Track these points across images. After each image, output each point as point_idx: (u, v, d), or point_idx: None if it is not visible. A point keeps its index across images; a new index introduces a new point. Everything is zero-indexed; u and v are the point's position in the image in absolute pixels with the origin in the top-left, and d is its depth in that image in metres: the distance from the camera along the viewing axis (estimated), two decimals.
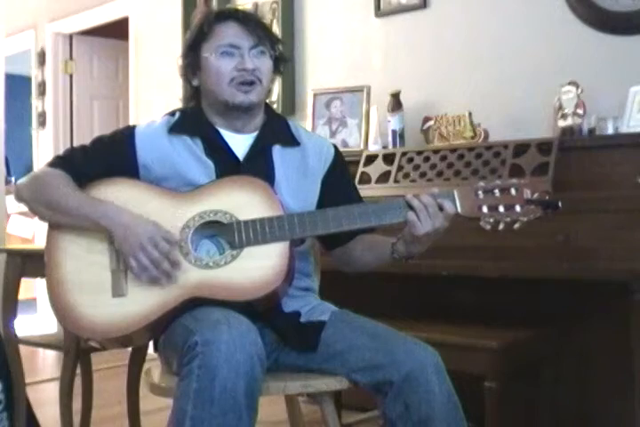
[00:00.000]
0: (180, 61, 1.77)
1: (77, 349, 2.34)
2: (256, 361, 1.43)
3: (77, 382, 2.47)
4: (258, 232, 1.55)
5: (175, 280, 1.55)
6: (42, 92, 5.29)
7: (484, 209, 1.54)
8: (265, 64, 1.71)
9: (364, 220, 1.56)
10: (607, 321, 2.32)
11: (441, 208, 1.53)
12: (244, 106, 1.70)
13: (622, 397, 2.26)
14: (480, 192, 1.55)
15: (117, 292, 1.58)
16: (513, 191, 1.54)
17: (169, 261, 1.54)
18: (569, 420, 2.42)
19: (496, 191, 1.54)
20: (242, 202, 1.60)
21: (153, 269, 1.54)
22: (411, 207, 1.53)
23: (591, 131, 2.48)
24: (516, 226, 1.54)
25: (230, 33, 1.69)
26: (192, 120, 1.75)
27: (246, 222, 1.57)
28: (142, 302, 1.56)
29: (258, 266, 1.54)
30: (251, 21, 1.71)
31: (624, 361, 2.15)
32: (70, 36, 5.30)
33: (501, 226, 1.54)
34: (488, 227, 1.55)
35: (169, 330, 1.57)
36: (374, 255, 1.71)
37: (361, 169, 2.76)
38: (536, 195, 1.53)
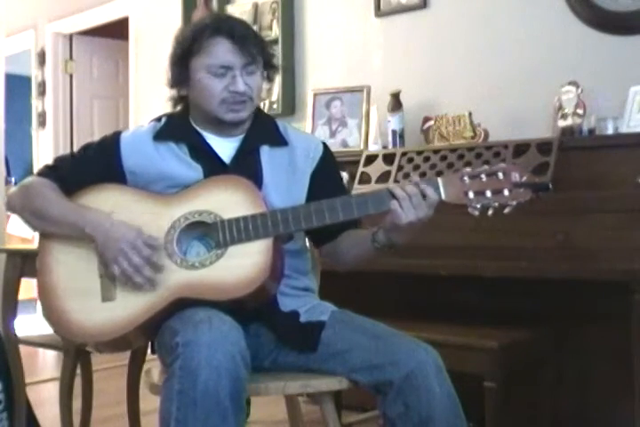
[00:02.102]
0: (167, 71, 1.74)
1: (77, 349, 2.33)
2: (239, 361, 1.42)
3: (77, 382, 2.47)
4: (241, 230, 1.55)
5: (160, 284, 1.55)
6: (42, 92, 5.29)
7: (471, 195, 1.50)
8: (256, 82, 1.69)
9: (346, 212, 1.54)
10: (607, 321, 2.32)
11: (424, 196, 1.50)
12: (235, 122, 1.70)
13: (622, 397, 2.26)
14: (465, 178, 1.51)
15: (107, 296, 1.59)
16: (500, 175, 1.49)
17: (150, 265, 1.55)
18: (569, 420, 2.42)
19: (482, 176, 1.50)
20: (226, 201, 1.60)
21: (134, 275, 1.54)
22: (394, 197, 1.51)
23: (591, 131, 2.48)
24: (507, 211, 1.50)
25: (221, 51, 1.64)
26: (177, 126, 1.74)
27: (230, 221, 1.57)
28: (131, 306, 1.56)
29: (242, 264, 1.54)
30: (243, 39, 1.65)
31: (624, 361, 2.15)
32: (70, 36, 5.31)
33: (490, 211, 1.50)
34: (476, 213, 1.50)
35: (160, 332, 1.58)
36: (359, 248, 1.68)
37: (361, 169, 2.76)
38: (525, 178, 1.49)
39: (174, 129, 1.74)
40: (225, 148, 1.72)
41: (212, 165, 1.69)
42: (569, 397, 2.41)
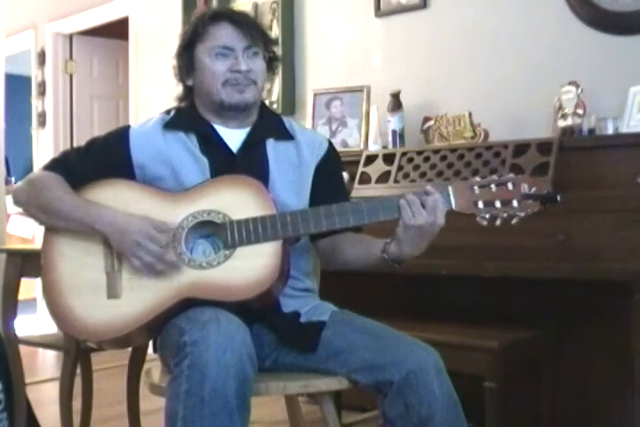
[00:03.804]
0: (173, 61, 1.78)
1: (77, 349, 2.34)
2: (246, 361, 1.42)
3: (77, 382, 2.47)
4: (250, 232, 1.55)
5: (166, 283, 1.55)
6: (42, 92, 5.29)
7: (480, 205, 1.51)
8: (258, 65, 1.71)
9: (357, 217, 1.55)
10: (607, 321, 2.32)
11: (435, 202, 1.50)
12: (241, 106, 1.70)
13: (622, 397, 2.26)
14: (476, 187, 1.52)
15: (112, 294, 1.59)
16: (510, 186, 1.51)
17: (169, 250, 1.55)
18: (569, 420, 2.42)
19: (492, 186, 1.52)
20: (235, 201, 1.60)
21: (157, 264, 1.55)
22: (405, 201, 1.51)
23: (591, 131, 2.48)
24: (514, 221, 1.51)
25: (224, 34, 1.69)
26: (186, 116, 1.76)
27: (239, 222, 1.57)
28: (137, 304, 1.56)
29: (250, 266, 1.54)
30: (244, 22, 1.70)
31: (624, 361, 2.15)
32: (70, 36, 5.31)
33: (498, 222, 1.51)
34: (485, 223, 1.52)
35: (164, 331, 1.58)
36: (360, 251, 1.67)
37: (361, 169, 2.76)
38: (534, 189, 1.50)
39: (184, 119, 1.75)
40: (233, 139, 1.73)
41: (220, 156, 1.69)
42: (569, 397, 2.41)
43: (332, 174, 1.80)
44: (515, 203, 1.50)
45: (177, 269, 1.56)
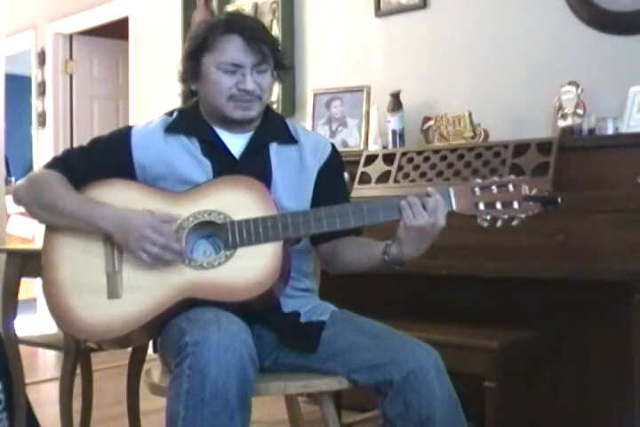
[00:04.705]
0: (179, 66, 1.75)
1: (77, 349, 2.34)
2: (247, 361, 1.43)
3: (77, 382, 2.47)
4: (251, 232, 1.55)
5: (167, 283, 1.55)
6: (42, 92, 5.29)
7: (481, 206, 1.52)
8: (266, 80, 1.69)
9: (357, 218, 1.55)
10: (607, 321, 2.32)
11: (436, 204, 1.51)
12: (245, 122, 1.70)
13: (622, 397, 2.26)
14: (476, 189, 1.53)
15: (113, 293, 1.59)
16: (511, 188, 1.52)
17: (175, 241, 1.55)
18: (569, 420, 2.42)
19: (493, 188, 1.52)
20: (236, 202, 1.60)
21: (165, 254, 1.54)
22: (406, 202, 1.52)
23: (591, 131, 2.48)
24: (515, 223, 1.52)
25: (233, 49, 1.65)
26: (189, 120, 1.75)
27: (240, 223, 1.56)
28: (137, 304, 1.56)
29: (251, 266, 1.54)
30: (256, 37, 1.65)
31: (624, 361, 2.15)
32: (70, 36, 5.30)
33: (499, 223, 1.52)
34: (485, 224, 1.53)
35: (164, 331, 1.58)
36: (361, 253, 1.67)
37: (361, 169, 2.76)
38: (534, 191, 1.51)
39: (186, 123, 1.74)
40: (235, 144, 1.72)
41: (222, 160, 1.69)
42: (569, 397, 2.41)
43: (334, 178, 1.79)
44: (515, 204, 1.51)
45: (178, 269, 1.56)
